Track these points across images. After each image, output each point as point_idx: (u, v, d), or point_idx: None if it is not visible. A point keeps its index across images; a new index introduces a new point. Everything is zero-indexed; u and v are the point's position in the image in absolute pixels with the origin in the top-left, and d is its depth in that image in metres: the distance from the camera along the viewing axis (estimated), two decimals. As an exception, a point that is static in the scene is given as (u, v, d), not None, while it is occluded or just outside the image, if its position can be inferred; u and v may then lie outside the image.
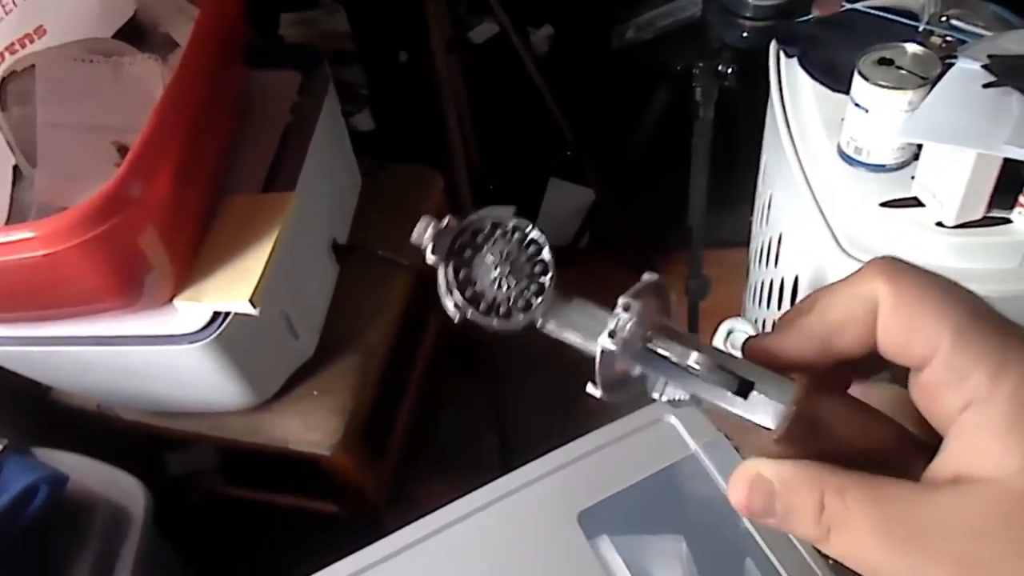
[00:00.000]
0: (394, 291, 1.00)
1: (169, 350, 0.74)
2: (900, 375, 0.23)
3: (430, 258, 0.27)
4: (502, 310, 0.26)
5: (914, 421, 0.23)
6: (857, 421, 0.23)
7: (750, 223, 1.18)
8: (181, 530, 0.95)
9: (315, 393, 0.89)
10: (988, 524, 0.18)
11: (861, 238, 0.79)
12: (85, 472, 0.76)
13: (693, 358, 0.23)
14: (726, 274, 1.33)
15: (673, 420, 0.74)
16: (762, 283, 1.12)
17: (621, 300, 0.25)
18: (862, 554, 0.20)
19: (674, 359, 0.24)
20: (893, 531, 0.19)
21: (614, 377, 0.25)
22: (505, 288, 0.27)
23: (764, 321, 1.09)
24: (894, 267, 0.23)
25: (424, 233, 0.27)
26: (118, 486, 0.76)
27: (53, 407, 0.96)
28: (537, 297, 0.27)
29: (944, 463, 0.20)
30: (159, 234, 0.67)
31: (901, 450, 0.23)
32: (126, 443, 0.95)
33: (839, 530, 0.21)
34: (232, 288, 0.73)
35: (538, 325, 0.27)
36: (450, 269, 0.26)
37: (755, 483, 0.23)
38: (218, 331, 0.73)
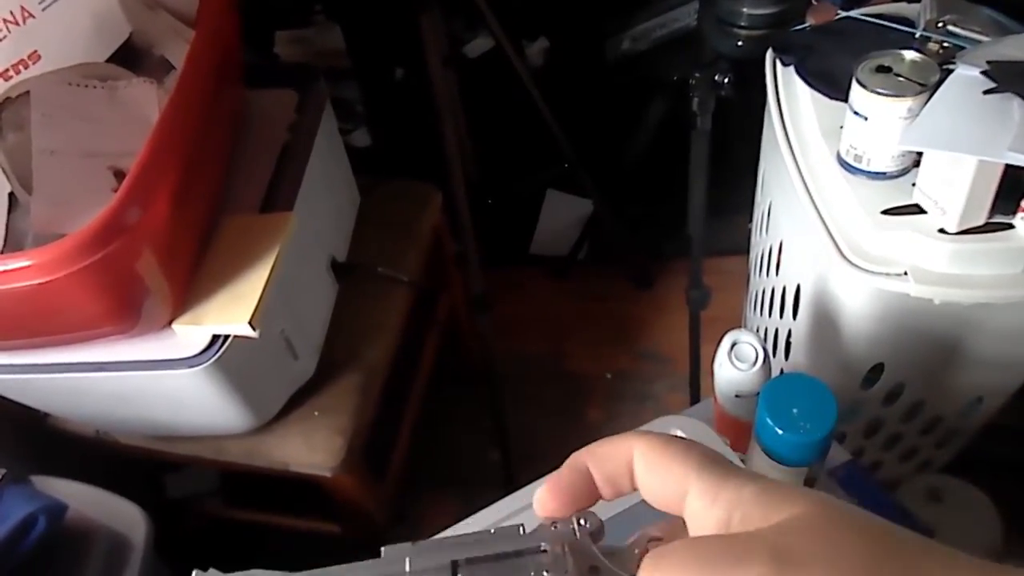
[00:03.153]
0: (394, 308, 0.99)
1: (168, 374, 0.73)
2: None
3: None
4: None
5: None
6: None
7: (749, 231, 1.18)
8: (182, 554, 0.94)
9: (316, 414, 0.88)
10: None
11: (863, 246, 0.78)
12: (85, 500, 0.75)
13: None
14: (726, 282, 1.33)
15: (679, 434, 0.73)
16: (763, 291, 1.12)
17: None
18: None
19: None
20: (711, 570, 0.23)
21: None
22: None
23: (766, 330, 1.09)
24: (644, 433, 0.28)
25: None
26: (118, 513, 0.75)
27: (51, 433, 0.95)
28: None
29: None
30: (157, 259, 0.66)
31: None
32: (125, 468, 0.94)
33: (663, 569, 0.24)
34: (231, 311, 0.72)
35: None
36: None
37: None
38: (217, 354, 0.72)
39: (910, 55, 0.73)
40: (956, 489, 1.10)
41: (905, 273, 0.74)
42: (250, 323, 0.71)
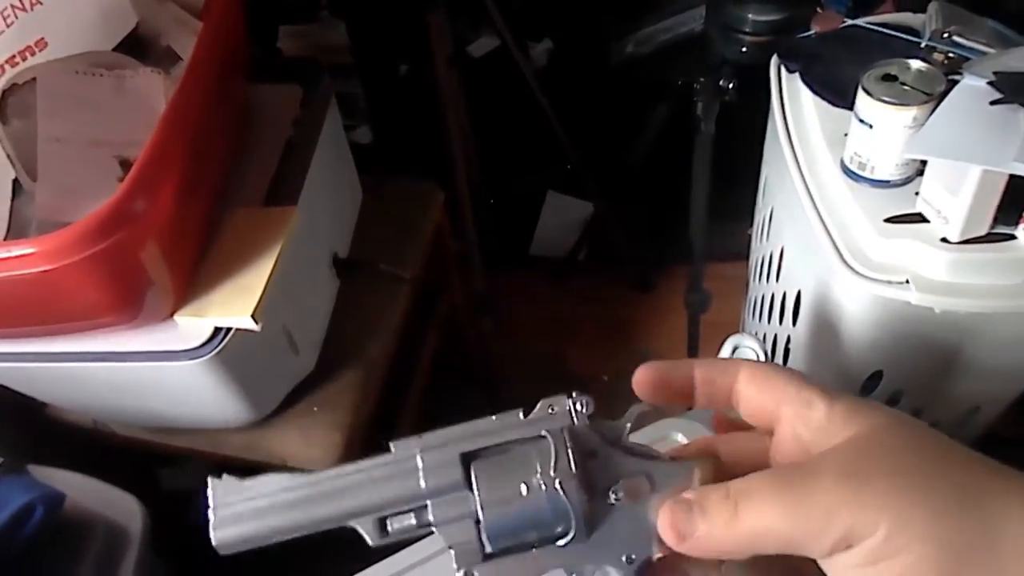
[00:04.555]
0: (394, 305, 0.99)
1: (169, 366, 0.73)
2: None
3: None
4: None
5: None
6: (754, 446, 0.30)
7: (749, 237, 1.18)
8: (177, 547, 0.94)
9: (315, 409, 0.88)
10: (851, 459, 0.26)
11: (865, 253, 0.79)
12: (82, 490, 0.75)
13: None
14: (725, 288, 1.33)
15: (680, 437, 0.73)
16: (762, 297, 1.12)
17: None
18: (767, 520, 0.26)
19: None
20: (787, 490, 0.26)
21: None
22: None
23: (765, 336, 1.09)
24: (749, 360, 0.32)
25: None
26: (115, 504, 0.75)
27: (48, 423, 0.94)
28: None
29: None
30: (161, 249, 0.66)
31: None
32: (121, 460, 0.94)
33: (745, 500, 0.26)
34: (234, 303, 0.72)
35: None
36: None
37: (675, 504, 0.28)
38: (219, 347, 0.72)
39: (916, 64, 0.74)
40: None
41: (907, 281, 0.74)
42: (252, 316, 0.71)
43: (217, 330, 0.73)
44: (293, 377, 0.88)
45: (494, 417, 0.30)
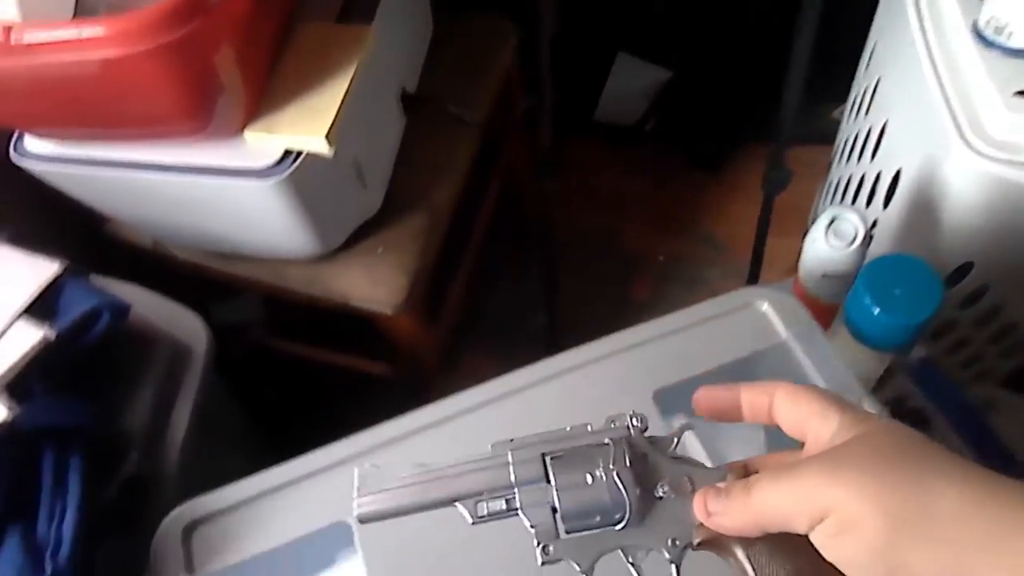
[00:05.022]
0: (460, 149, 0.94)
1: (236, 185, 0.70)
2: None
3: None
4: None
5: None
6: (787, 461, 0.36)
7: (833, 119, 1.10)
8: (228, 379, 0.95)
9: (380, 250, 0.85)
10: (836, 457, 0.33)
11: (987, 129, 0.72)
12: (146, 305, 0.74)
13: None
14: (799, 172, 1.26)
15: (765, 307, 0.69)
16: (848, 179, 1.05)
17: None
18: (769, 500, 0.33)
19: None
20: (784, 476, 0.33)
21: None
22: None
23: (845, 219, 1.03)
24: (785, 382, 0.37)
25: None
26: (180, 321, 0.74)
27: (107, 240, 0.93)
28: None
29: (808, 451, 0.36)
30: (234, 53, 0.61)
31: None
32: (178, 286, 0.92)
33: (756, 485, 0.34)
34: (306, 123, 0.68)
35: None
36: None
37: (707, 489, 0.36)
38: (289, 169, 0.69)
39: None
40: (1011, 404, 1.07)
41: (1032, 161, 0.68)
42: (326, 138, 0.67)
43: (287, 153, 0.70)
44: (360, 214, 0.85)
45: (568, 427, 0.39)
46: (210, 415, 0.74)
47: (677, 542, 0.36)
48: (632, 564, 0.36)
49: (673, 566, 0.36)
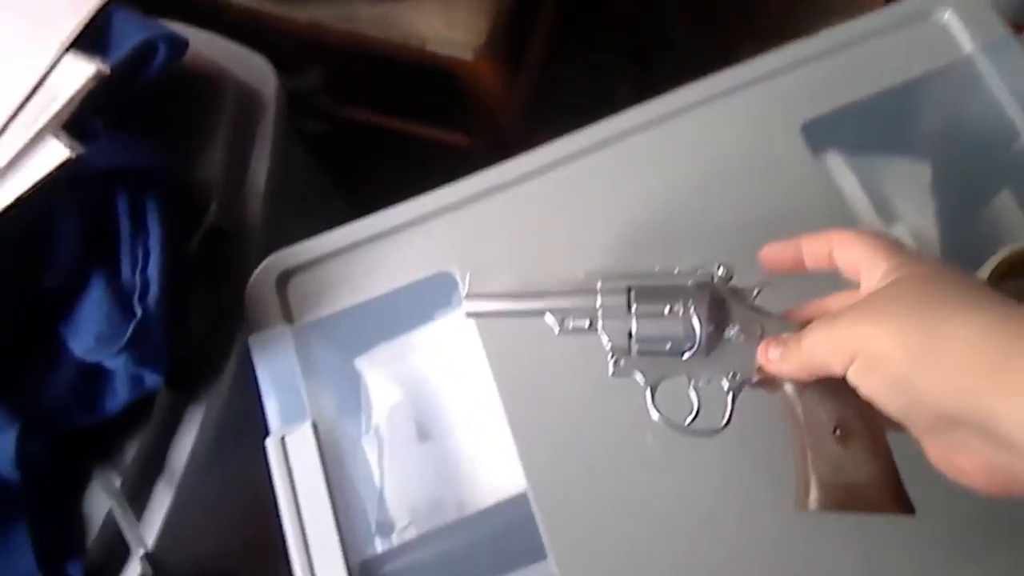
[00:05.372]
0: None
1: None
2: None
3: None
4: None
5: None
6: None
7: None
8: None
9: (458, -14, 0.73)
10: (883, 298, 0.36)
11: None
12: (208, 45, 0.65)
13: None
14: None
15: (947, 15, 0.56)
16: None
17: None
18: (815, 346, 0.37)
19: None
20: (827, 324, 0.37)
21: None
22: None
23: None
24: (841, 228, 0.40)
25: None
26: (245, 63, 0.66)
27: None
28: None
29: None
30: None
31: None
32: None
33: (806, 334, 0.38)
34: None
35: None
36: None
37: (771, 338, 0.40)
38: None
39: None
40: None
41: None
42: None
43: None
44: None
45: (656, 267, 0.42)
46: (290, 168, 0.67)
47: (737, 376, 0.41)
48: (695, 389, 0.42)
49: (731, 394, 0.41)
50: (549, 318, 0.42)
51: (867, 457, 0.37)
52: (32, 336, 0.53)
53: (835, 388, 0.37)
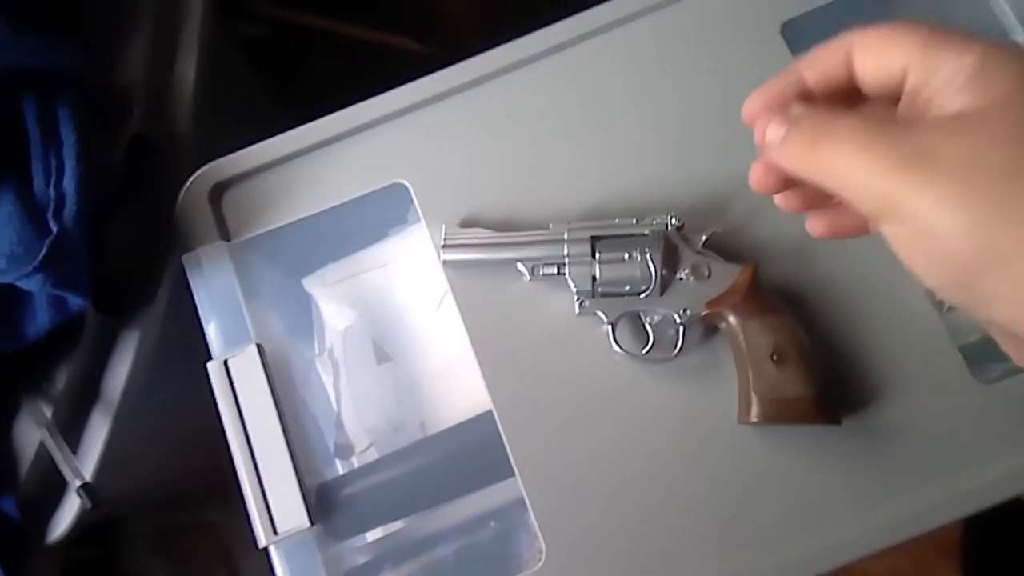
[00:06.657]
0: None
1: None
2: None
3: None
4: None
5: None
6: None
7: None
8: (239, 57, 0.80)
9: None
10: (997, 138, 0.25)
11: None
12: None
13: None
14: None
15: None
16: None
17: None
18: (843, 164, 0.27)
19: None
20: (872, 147, 0.26)
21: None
22: None
23: None
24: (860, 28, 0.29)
25: None
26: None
27: None
28: None
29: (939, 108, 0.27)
30: None
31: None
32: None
33: (826, 136, 0.28)
34: None
35: None
36: None
37: (777, 114, 0.30)
38: None
39: None
40: None
41: None
42: None
43: None
44: None
45: (616, 220, 0.48)
46: (224, 74, 0.62)
47: (687, 311, 0.46)
48: (650, 324, 0.47)
49: (681, 328, 0.46)
50: (520, 267, 0.48)
51: (800, 378, 0.44)
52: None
53: (774, 323, 0.44)
